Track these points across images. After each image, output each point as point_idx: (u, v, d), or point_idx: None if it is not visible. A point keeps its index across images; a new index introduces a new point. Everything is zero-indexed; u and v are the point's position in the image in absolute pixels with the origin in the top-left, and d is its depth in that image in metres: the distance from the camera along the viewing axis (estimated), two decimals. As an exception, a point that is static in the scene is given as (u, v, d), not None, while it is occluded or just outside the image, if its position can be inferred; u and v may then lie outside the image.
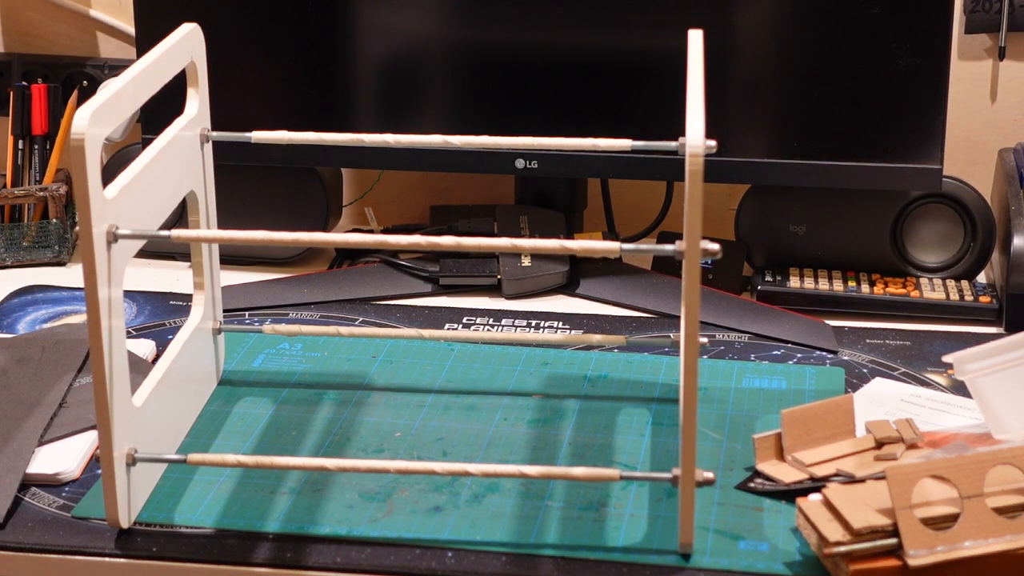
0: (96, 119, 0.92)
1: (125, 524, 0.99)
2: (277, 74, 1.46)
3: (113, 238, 0.95)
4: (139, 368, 1.14)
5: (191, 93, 1.15)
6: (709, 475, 0.95)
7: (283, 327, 1.20)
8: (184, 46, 1.11)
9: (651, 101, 1.40)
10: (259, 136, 1.15)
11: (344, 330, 1.19)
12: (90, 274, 0.93)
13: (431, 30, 1.44)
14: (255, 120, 1.46)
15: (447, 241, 0.94)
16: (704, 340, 1.17)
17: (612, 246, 0.94)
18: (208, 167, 1.18)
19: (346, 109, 1.46)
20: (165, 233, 0.98)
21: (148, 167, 1.02)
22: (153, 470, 1.05)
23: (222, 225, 1.53)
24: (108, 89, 0.96)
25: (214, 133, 1.17)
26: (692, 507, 0.95)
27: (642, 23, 1.38)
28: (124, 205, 0.97)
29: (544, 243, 0.95)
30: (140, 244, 1.03)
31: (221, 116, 1.22)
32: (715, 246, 0.91)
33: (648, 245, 0.96)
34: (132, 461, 0.99)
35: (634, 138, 1.36)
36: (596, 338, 1.18)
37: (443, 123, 1.45)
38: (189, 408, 1.14)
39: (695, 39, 1.07)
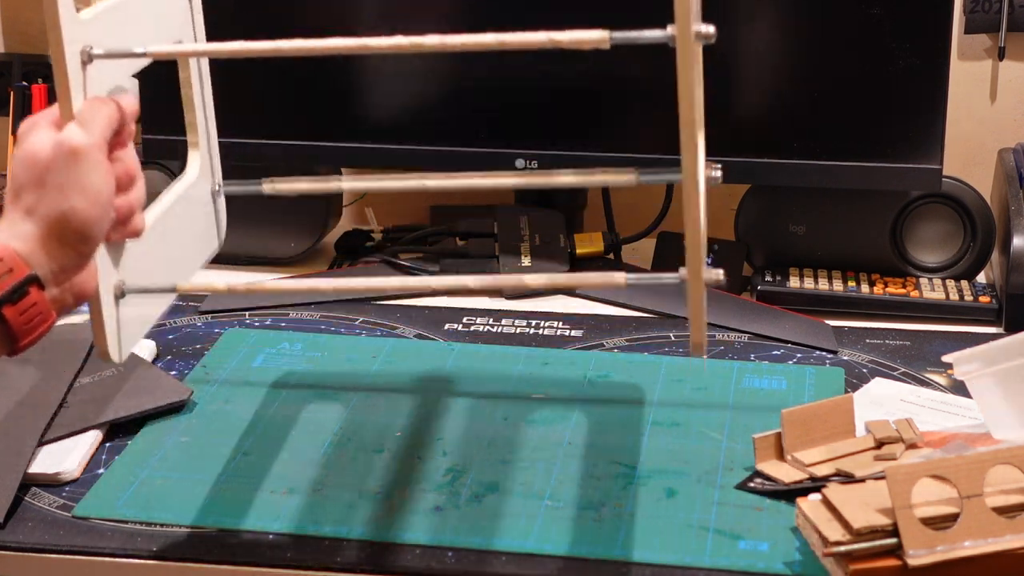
0: None
1: (116, 358, 0.94)
2: (275, 79, 1.46)
3: (88, 58, 0.90)
4: None
5: None
6: (719, 273, 0.91)
7: (284, 185, 1.07)
8: None
9: (652, 110, 1.40)
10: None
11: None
12: (64, 96, 0.88)
13: (430, 30, 1.44)
14: (254, 125, 1.46)
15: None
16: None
17: (601, 35, 0.91)
18: (197, 20, 1.11)
19: (343, 111, 1.46)
20: (141, 50, 0.93)
21: None
22: (144, 309, 0.99)
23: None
24: None
25: None
26: (702, 306, 0.92)
27: (643, 23, 1.38)
28: (102, 30, 0.92)
29: (526, 37, 0.91)
30: (123, 72, 0.96)
31: (220, 117, 1.22)
32: (710, 28, 0.86)
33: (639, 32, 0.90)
34: (120, 293, 0.94)
35: (635, 149, 1.37)
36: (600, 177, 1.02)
37: (443, 126, 1.45)
38: (186, 258, 1.08)
39: None
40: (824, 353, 1.29)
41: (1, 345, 0.85)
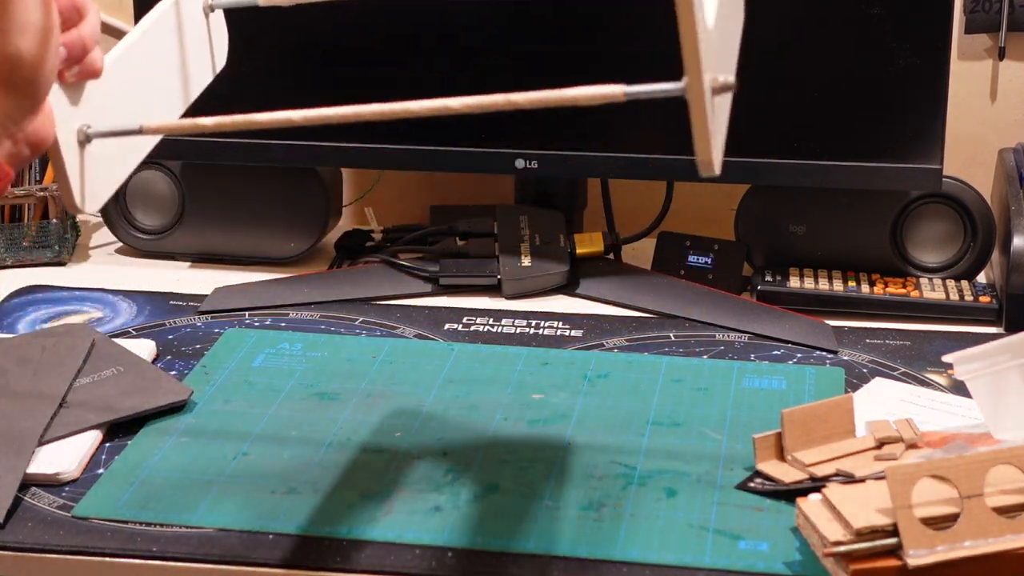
0: None
1: (85, 208, 0.89)
2: (275, 75, 1.46)
3: (85, 138, 0.87)
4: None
5: None
6: (729, 78, 0.83)
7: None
8: None
9: (652, 110, 1.40)
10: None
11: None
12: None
13: (431, 30, 1.44)
14: (261, 100, 1.46)
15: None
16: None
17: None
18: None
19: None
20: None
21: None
22: (115, 158, 0.92)
23: (222, 225, 1.53)
24: None
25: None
26: (705, 118, 0.81)
27: (644, 23, 1.38)
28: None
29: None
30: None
31: (224, 105, 1.22)
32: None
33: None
34: (85, 138, 0.88)
35: (636, 148, 1.37)
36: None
37: (443, 126, 1.45)
38: (168, 97, 0.99)
39: None
40: (824, 353, 1.29)
41: None
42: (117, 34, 1.57)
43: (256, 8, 0.99)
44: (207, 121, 0.86)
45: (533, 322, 1.36)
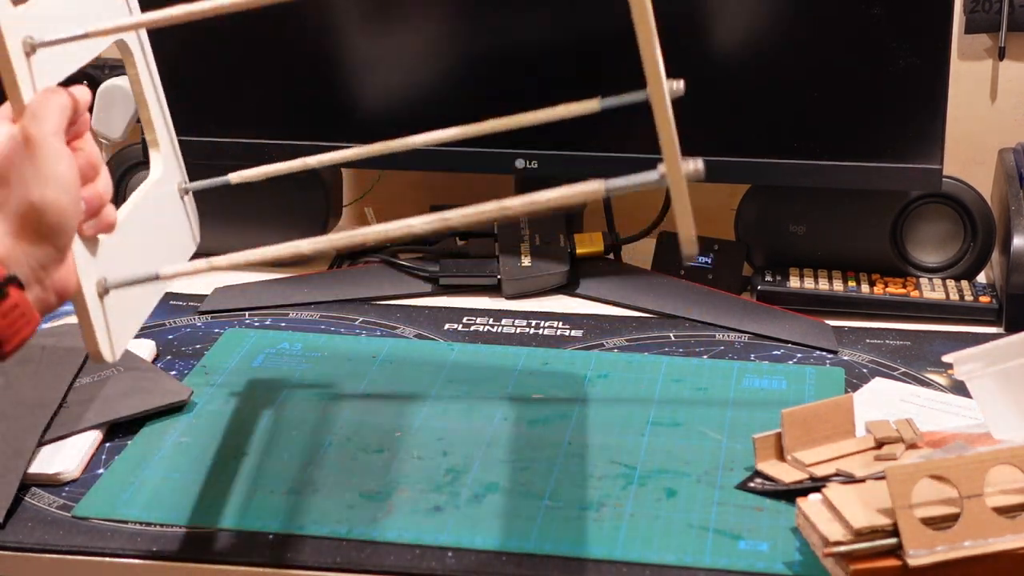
0: None
1: (109, 357, 0.93)
2: (276, 77, 1.46)
3: (31, 48, 0.88)
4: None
5: None
6: (698, 164, 0.88)
7: (249, 172, 1.11)
8: None
9: (652, 111, 1.40)
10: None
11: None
12: (12, 87, 0.86)
13: (432, 31, 1.44)
14: (255, 122, 1.46)
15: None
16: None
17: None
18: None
19: (345, 114, 1.46)
20: (80, 31, 0.91)
21: None
22: (130, 306, 0.97)
23: (222, 226, 1.53)
24: None
25: None
26: (686, 198, 0.88)
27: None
28: (40, 18, 0.90)
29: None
30: (68, 64, 0.94)
31: (221, 117, 1.22)
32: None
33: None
34: (104, 291, 0.92)
35: (635, 148, 1.37)
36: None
37: (443, 126, 1.45)
38: (164, 257, 1.05)
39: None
40: (824, 353, 1.29)
41: None
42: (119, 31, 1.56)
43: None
44: (220, 260, 0.93)
45: (533, 322, 1.36)
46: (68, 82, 1.55)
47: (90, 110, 0.93)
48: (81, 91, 0.90)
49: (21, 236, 0.82)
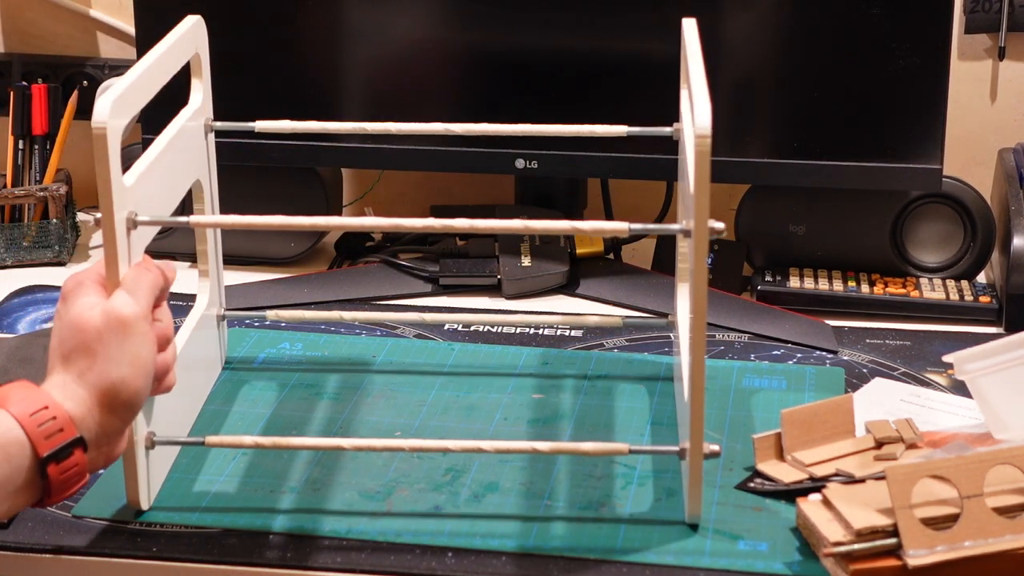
0: (116, 109, 0.93)
1: (146, 506, 1.01)
2: (276, 75, 1.46)
3: (133, 224, 0.95)
4: None
5: (195, 84, 1.17)
6: (715, 447, 0.97)
7: (286, 314, 1.24)
8: (189, 37, 1.13)
9: (652, 100, 1.40)
10: (262, 126, 1.17)
11: (347, 315, 1.24)
12: (112, 261, 0.93)
13: (432, 29, 1.44)
14: (256, 117, 1.46)
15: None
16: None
17: (621, 226, 0.97)
18: (211, 157, 1.20)
19: (345, 107, 1.46)
20: (184, 219, 1.00)
21: (159, 157, 1.03)
22: (168, 454, 1.07)
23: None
24: (122, 81, 0.97)
25: (218, 124, 1.19)
26: (700, 478, 0.98)
27: (643, 24, 1.38)
28: (141, 192, 0.98)
29: (553, 224, 0.98)
30: (155, 231, 1.04)
31: (223, 112, 1.22)
32: (721, 225, 0.94)
33: (656, 225, 1.02)
34: (151, 444, 1.00)
35: (635, 149, 1.37)
36: (593, 320, 1.23)
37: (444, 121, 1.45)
38: (198, 394, 1.16)
39: (690, 28, 1.10)
40: (824, 353, 1.29)
41: (31, 496, 0.88)
42: (118, 35, 1.57)
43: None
44: (247, 439, 1.04)
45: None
46: (68, 83, 1.57)
47: (90, 99, 0.96)
48: (170, 266, 0.96)
49: (97, 407, 0.88)
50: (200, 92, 1.17)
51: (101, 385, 0.88)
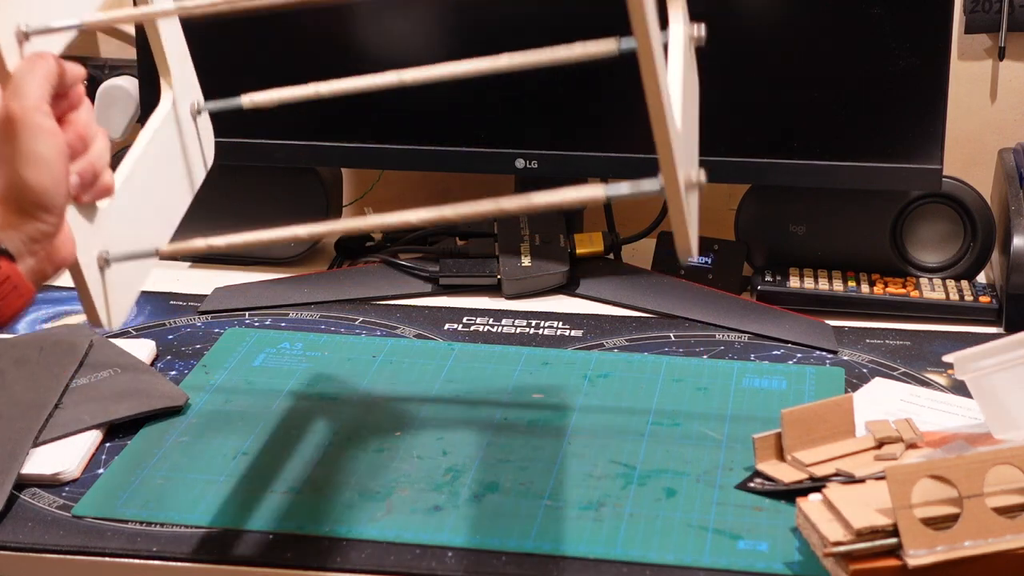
0: None
1: (107, 324, 0.94)
2: (276, 77, 1.46)
3: (24, 36, 0.87)
4: None
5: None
6: (698, 176, 0.89)
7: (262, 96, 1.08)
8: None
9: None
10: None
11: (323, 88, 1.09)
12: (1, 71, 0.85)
13: (432, 31, 1.44)
14: (255, 122, 1.46)
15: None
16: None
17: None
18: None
19: (343, 111, 1.46)
20: (76, 21, 0.90)
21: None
22: (138, 268, 0.98)
23: (222, 224, 1.53)
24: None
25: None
26: (681, 211, 0.87)
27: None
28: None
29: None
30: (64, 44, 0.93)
31: (220, 117, 1.22)
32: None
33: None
34: (105, 264, 0.93)
35: (634, 148, 1.37)
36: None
37: (443, 126, 1.45)
38: (172, 202, 1.05)
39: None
40: (824, 353, 1.29)
41: None
42: (118, 34, 1.57)
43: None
44: (219, 241, 0.93)
45: (533, 322, 1.36)
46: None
47: (90, 99, 0.93)
48: (72, 65, 0.89)
49: (6, 212, 0.83)
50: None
51: (4, 189, 0.82)
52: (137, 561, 0.99)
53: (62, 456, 1.09)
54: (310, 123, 1.45)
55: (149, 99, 1.08)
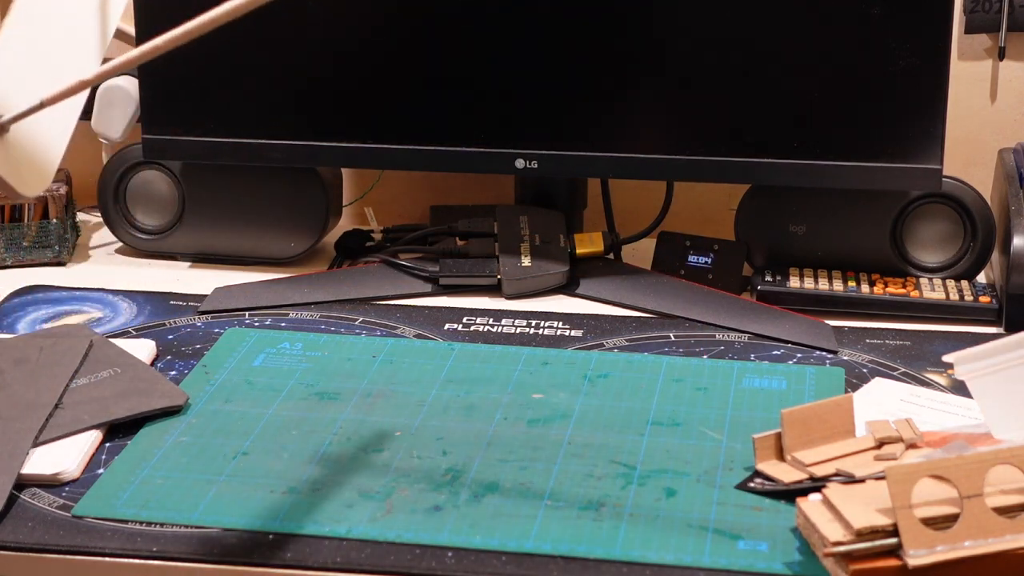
0: None
1: (29, 192, 0.89)
2: (276, 76, 1.46)
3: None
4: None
5: None
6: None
7: None
8: None
9: (653, 110, 1.40)
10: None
11: None
12: None
13: (430, 30, 1.44)
14: (254, 122, 1.46)
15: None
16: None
17: None
18: None
19: (343, 111, 1.46)
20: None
21: None
22: (49, 128, 0.91)
23: (222, 225, 1.53)
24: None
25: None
26: None
27: (644, 23, 1.38)
28: None
29: None
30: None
31: (221, 117, 1.22)
32: None
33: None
34: (2, 130, 0.87)
35: (634, 148, 1.37)
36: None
37: (443, 126, 1.45)
38: (88, 36, 0.97)
39: None
40: (824, 353, 1.29)
41: None
42: (118, 34, 1.57)
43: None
44: (107, 66, 0.82)
45: (533, 322, 1.36)
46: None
47: (90, 110, 0.91)
48: None
49: None
50: None
51: None
52: (137, 561, 0.99)
53: (62, 456, 1.09)
54: (310, 123, 1.46)
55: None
